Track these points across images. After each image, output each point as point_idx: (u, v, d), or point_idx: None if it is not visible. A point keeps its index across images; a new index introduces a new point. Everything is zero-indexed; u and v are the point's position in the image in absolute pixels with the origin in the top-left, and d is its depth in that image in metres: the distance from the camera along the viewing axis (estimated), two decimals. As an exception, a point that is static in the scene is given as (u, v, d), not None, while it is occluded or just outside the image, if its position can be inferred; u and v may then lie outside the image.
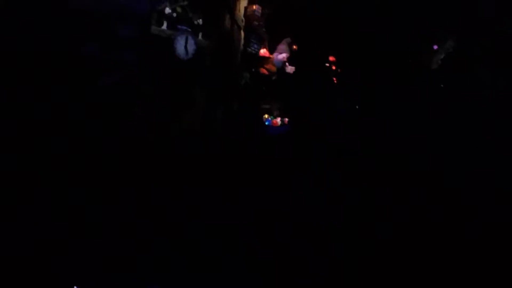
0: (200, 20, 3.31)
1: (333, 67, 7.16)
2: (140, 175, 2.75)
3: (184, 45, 3.18)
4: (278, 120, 5.49)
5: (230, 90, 4.19)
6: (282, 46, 5.52)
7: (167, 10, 3.20)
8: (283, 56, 5.43)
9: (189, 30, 3.24)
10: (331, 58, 7.08)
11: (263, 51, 5.24)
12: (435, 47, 4.99)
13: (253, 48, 5.07)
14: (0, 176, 2.52)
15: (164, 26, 3.18)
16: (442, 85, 4.48)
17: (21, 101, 2.68)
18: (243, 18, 4.42)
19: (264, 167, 3.40)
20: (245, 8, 4.51)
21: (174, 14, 3.22)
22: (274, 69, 5.43)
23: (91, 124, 2.81)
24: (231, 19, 3.92)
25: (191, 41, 3.22)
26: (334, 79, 7.06)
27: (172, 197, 2.73)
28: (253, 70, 5.13)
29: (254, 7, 4.74)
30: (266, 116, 5.39)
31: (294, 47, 5.86)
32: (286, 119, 5.72)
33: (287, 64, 5.62)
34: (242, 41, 4.57)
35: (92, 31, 2.94)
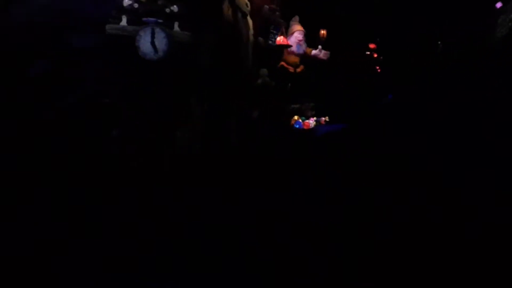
0: (175, 7, 2.59)
1: (375, 55, 6.36)
2: (141, 176, 2.75)
3: (150, 41, 2.49)
4: (311, 121, 4.66)
5: (244, 93, 3.45)
6: (293, 26, 4.67)
7: (126, 2, 2.53)
8: (296, 36, 4.57)
9: (159, 21, 2.57)
10: (372, 46, 6.30)
11: (280, 39, 4.34)
12: (499, 5, 4.06)
13: (273, 41, 4.26)
14: (0, 176, 2.52)
15: (124, 22, 2.55)
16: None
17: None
18: (247, 2, 3.63)
19: (264, 167, 3.39)
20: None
21: (136, 5, 2.55)
22: (296, 59, 4.58)
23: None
24: (231, 4, 3.20)
25: (160, 35, 2.49)
26: (378, 68, 6.30)
27: (173, 197, 2.73)
28: (276, 65, 4.26)
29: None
30: (295, 118, 4.55)
31: (323, 32, 4.81)
32: (323, 119, 4.93)
33: (319, 47, 4.65)
34: (252, 31, 3.74)
35: (45, 45, 2.55)
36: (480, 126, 3.43)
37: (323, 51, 4.75)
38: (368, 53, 6.33)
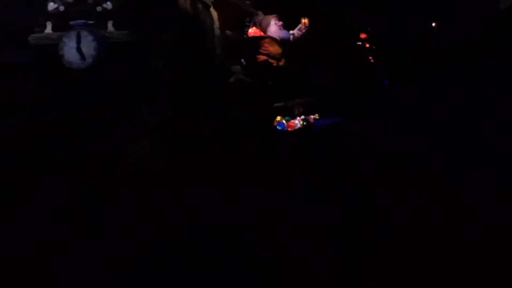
0: (109, 3, 2.30)
1: (367, 45, 6.14)
2: (141, 175, 2.75)
3: (75, 47, 2.21)
4: (297, 121, 4.26)
5: (215, 95, 3.06)
6: (264, 19, 4.18)
7: (51, 6, 2.29)
8: (275, 23, 4.09)
9: (89, 23, 2.29)
10: (363, 35, 6.11)
11: (252, 30, 3.96)
12: None
13: (247, 34, 3.94)
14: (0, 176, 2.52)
15: (49, 29, 2.31)
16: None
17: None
18: None
19: (264, 167, 3.39)
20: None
21: (62, 8, 2.30)
22: (279, 50, 4.13)
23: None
24: None
25: (87, 39, 2.22)
26: (371, 58, 6.06)
27: (172, 197, 2.73)
28: (253, 60, 3.86)
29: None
30: (278, 118, 4.13)
31: (304, 21, 4.36)
32: (312, 116, 4.43)
33: (292, 31, 4.19)
34: (217, 23, 3.37)
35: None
36: (480, 126, 3.43)
37: (295, 31, 4.23)
38: (360, 43, 6.11)
